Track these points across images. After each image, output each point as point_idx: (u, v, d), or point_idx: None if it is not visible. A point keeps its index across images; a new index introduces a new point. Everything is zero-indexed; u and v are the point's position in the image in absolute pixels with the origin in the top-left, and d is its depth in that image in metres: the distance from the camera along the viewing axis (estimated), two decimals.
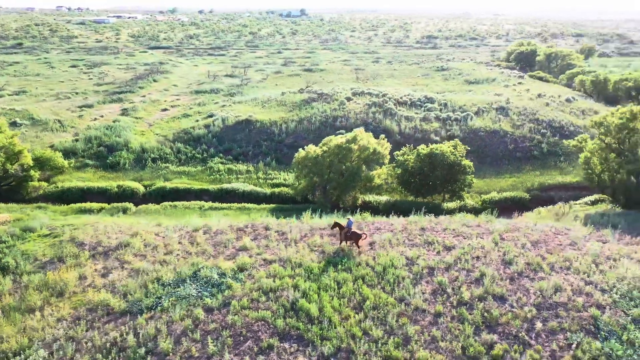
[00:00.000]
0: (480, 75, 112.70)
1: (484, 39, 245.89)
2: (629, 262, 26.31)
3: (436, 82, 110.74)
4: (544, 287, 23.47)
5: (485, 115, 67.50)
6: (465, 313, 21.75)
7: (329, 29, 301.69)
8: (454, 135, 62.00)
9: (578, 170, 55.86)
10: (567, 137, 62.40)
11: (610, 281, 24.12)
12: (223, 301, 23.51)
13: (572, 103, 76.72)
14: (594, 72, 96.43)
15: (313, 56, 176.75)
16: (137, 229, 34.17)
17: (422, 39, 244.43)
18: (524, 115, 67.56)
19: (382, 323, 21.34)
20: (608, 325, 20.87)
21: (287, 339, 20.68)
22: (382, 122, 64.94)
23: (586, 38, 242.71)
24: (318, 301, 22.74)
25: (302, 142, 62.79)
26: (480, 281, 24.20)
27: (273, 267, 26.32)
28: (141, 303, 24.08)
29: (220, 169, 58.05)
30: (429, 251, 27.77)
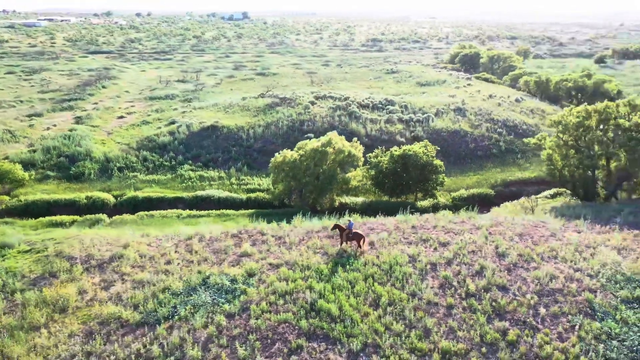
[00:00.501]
0: (430, 77, 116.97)
1: (426, 41, 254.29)
2: (605, 249, 28.91)
3: (389, 84, 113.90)
4: (539, 275, 25.47)
5: (444, 116, 70.55)
6: (475, 303, 23.31)
7: (274, 33, 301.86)
8: (417, 136, 64.46)
9: (535, 166, 59.64)
10: (521, 136, 66.39)
11: (594, 267, 26.47)
12: (241, 306, 23.90)
13: (520, 103, 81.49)
14: (536, 74, 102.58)
15: (262, 60, 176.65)
16: (126, 241, 33.67)
17: (367, 42, 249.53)
18: (480, 116, 71.17)
19: (401, 318, 22.51)
20: (602, 307, 23.03)
21: (314, 339, 21.43)
22: (349, 125, 66.47)
23: (519, 40, 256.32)
24: (336, 301, 23.60)
25: (270, 146, 63.30)
26: (482, 273, 25.90)
27: (282, 271, 26.91)
28: (156, 313, 24.02)
29: (192, 176, 57.55)
30: (426, 248, 29.26)
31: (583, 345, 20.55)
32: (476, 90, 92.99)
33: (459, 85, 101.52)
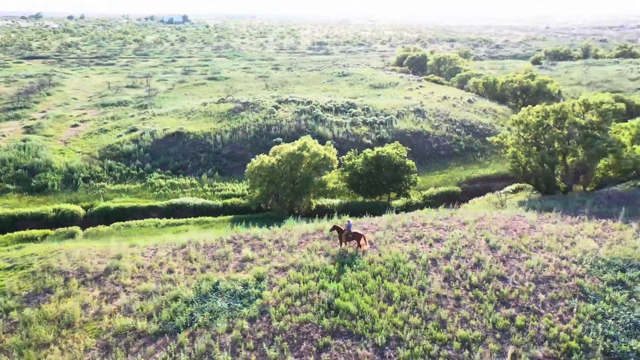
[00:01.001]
0: (382, 80, 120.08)
1: (371, 44, 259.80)
2: (582, 238, 31.54)
3: (343, 87, 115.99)
4: (531, 265, 27.55)
5: (405, 117, 73.07)
6: (480, 294, 24.97)
7: (218, 36, 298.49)
8: (383, 138, 66.46)
9: (494, 163, 63.06)
10: (478, 135, 69.91)
11: (577, 255, 28.90)
12: (260, 310, 24.38)
13: (473, 103, 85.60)
14: (482, 75, 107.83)
15: (211, 64, 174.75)
16: (118, 252, 33.11)
17: (313, 45, 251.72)
18: (439, 117, 74.25)
19: (416, 311, 23.79)
20: (592, 290, 25.31)
21: (338, 336, 22.30)
22: (315, 128, 67.52)
23: (458, 43, 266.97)
24: (351, 299, 24.57)
25: (239, 151, 63.37)
26: (480, 266, 27.67)
27: (291, 273, 27.57)
28: (173, 322, 24.07)
29: (162, 184, 56.71)
30: (422, 245, 30.78)
31: (583, 325, 22.60)
32: (430, 92, 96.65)
33: (411, 88, 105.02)
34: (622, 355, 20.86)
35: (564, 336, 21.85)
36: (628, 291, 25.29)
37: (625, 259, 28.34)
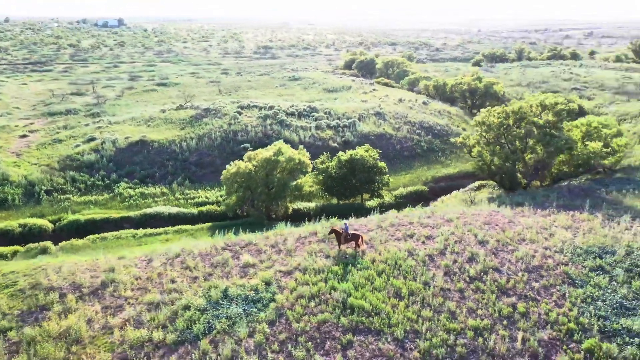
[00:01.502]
0: (335, 83, 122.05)
1: (315, 48, 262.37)
2: (557, 229, 34.21)
3: (298, 91, 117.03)
4: (520, 256, 29.72)
5: (367, 120, 75.09)
6: (481, 285, 26.75)
7: (159, 40, 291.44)
8: (348, 140, 68.07)
9: (455, 162, 66.14)
10: (437, 135, 72.99)
11: (557, 245, 31.40)
12: (277, 313, 24.95)
13: (428, 105, 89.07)
14: (430, 78, 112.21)
15: (157, 69, 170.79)
16: (109, 265, 32.54)
17: (258, 49, 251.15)
18: (398, 119, 76.82)
19: (426, 305, 25.19)
20: (578, 276, 27.70)
21: (358, 333, 23.31)
22: (282, 133, 68.16)
23: (400, 46, 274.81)
24: (363, 297, 25.63)
25: (207, 158, 63.01)
26: (474, 259, 29.52)
27: (298, 276, 28.28)
28: (191, 331, 24.20)
29: (132, 194, 55.53)
30: (415, 242, 32.32)
31: (577, 308, 24.81)
32: (384, 95, 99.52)
33: (365, 91, 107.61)
34: (615, 332, 23.14)
35: (562, 319, 23.91)
36: (608, 275, 27.88)
37: (599, 246, 31.11)
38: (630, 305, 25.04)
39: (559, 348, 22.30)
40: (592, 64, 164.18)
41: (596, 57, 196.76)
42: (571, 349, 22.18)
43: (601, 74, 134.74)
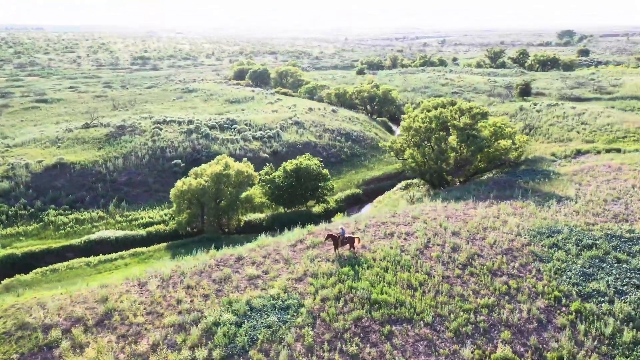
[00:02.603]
0: (235, 94, 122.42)
1: (196, 58, 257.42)
2: (506, 217, 39.87)
3: (199, 104, 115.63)
4: (491, 242, 34.50)
5: (289, 130, 77.51)
6: (474, 270, 30.86)
7: (15, 52, 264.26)
8: (276, 151, 69.92)
9: (377, 165, 71.34)
10: (355, 141, 77.81)
11: (514, 230, 36.83)
12: (311, 316, 26.60)
13: (337, 113, 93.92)
14: (335, 86, 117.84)
15: (27, 84, 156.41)
16: (100, 294, 31.39)
17: (135, 60, 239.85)
18: (317, 127, 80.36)
19: (438, 292, 28.58)
20: (542, 254, 33.08)
21: (393, 323, 25.93)
22: (210, 147, 67.88)
23: (280, 55, 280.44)
24: (383, 292, 28.29)
25: (137, 177, 60.93)
26: (457, 249, 33.65)
27: (311, 281, 30.05)
28: (234, 344, 24.93)
29: (65, 221, 52.04)
30: (399, 239, 35.65)
31: (553, 279, 29.95)
32: (292, 105, 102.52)
33: (270, 101, 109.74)
34: (589, 294, 28.50)
35: (547, 289, 28.81)
36: (563, 250, 33.65)
37: (546, 227, 37.12)
38: (590, 272, 30.80)
39: (554, 312, 27.02)
40: (460, 69, 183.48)
41: (460, 63, 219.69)
42: (563, 312, 27.00)
43: (471, 78, 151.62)
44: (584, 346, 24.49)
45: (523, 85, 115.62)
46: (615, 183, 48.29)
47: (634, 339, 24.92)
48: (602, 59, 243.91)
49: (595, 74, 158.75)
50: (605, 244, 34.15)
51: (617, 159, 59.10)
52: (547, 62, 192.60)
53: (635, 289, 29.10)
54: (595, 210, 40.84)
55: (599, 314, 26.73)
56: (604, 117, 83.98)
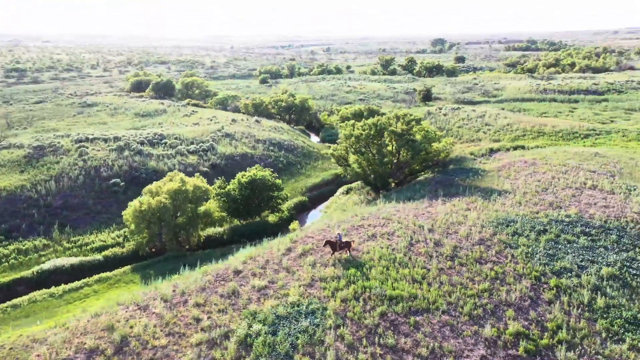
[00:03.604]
0: (143, 107, 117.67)
1: (80, 69, 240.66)
2: (464, 212, 44.53)
3: (106, 118, 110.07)
4: (464, 235, 38.67)
5: (221, 142, 77.27)
6: (462, 261, 34.60)
7: None
8: (215, 164, 69.60)
9: (314, 172, 74.08)
10: (288, 150, 79.79)
11: (476, 222, 41.45)
12: (339, 317, 28.38)
13: (261, 123, 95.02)
14: (252, 97, 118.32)
15: None
16: (103, 322, 30.50)
17: (9, 72, 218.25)
18: (248, 138, 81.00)
19: (442, 283, 31.82)
20: (510, 241, 37.83)
21: (415, 314, 28.63)
22: (147, 163, 65.72)
23: (172, 65, 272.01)
24: (393, 287, 30.88)
25: (75, 200, 57.67)
26: (440, 243, 37.29)
27: (323, 285, 31.76)
28: (277, 352, 25.98)
29: (5, 253, 47.89)
30: (383, 239, 38.49)
31: (528, 262, 34.67)
32: (212, 116, 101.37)
33: (186, 113, 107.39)
34: (559, 272, 33.52)
35: (527, 271, 33.38)
36: (524, 236, 38.79)
37: (502, 218, 42.28)
38: (552, 253, 36.06)
39: (539, 290, 31.55)
40: (358, 77, 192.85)
41: (355, 71, 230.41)
42: (546, 288, 31.63)
43: (372, 85, 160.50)
44: (571, 314, 29.12)
45: (424, 91, 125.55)
46: (537, 176, 55.69)
47: (606, 304, 30.12)
48: (476, 65, 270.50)
49: (477, 79, 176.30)
50: (554, 229, 39.95)
51: (527, 155, 67.72)
52: (432, 69, 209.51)
53: (591, 264, 34.79)
54: (533, 201, 47.16)
55: (573, 286, 31.74)
56: (502, 119, 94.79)
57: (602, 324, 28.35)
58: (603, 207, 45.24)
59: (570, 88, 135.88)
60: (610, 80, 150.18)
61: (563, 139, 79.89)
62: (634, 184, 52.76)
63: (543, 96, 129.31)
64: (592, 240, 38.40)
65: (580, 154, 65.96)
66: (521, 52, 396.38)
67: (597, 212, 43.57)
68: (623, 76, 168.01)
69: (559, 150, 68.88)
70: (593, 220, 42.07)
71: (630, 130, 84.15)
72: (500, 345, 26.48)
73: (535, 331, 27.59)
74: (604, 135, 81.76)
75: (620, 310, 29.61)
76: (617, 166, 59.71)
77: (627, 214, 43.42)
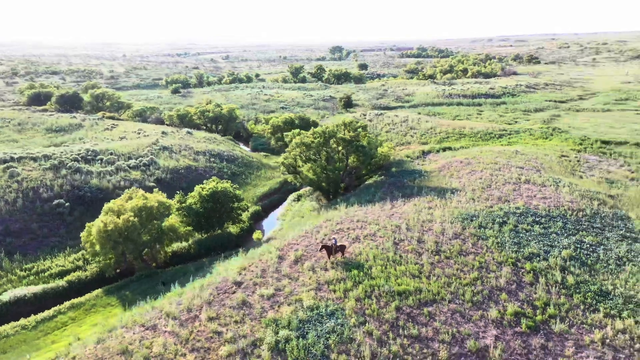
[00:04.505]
0: (52, 122, 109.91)
1: None
2: (428, 210, 48.29)
3: (15, 135, 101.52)
4: (438, 231, 42.20)
5: (161, 156, 75.20)
6: (447, 254, 37.94)
7: None
8: (160, 178, 67.79)
9: (260, 181, 74.90)
10: (229, 161, 79.65)
11: (445, 219, 45.21)
12: (359, 315, 30.23)
13: (194, 135, 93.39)
14: (176, 107, 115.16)
15: None
16: (115, 347, 29.90)
17: None
18: (187, 151, 79.54)
19: (438, 276, 34.82)
20: (479, 233, 41.90)
21: (425, 305, 31.27)
22: (89, 181, 62.40)
23: (66, 75, 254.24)
24: (398, 283, 33.35)
25: (17, 225, 53.83)
26: (421, 240, 40.42)
27: (332, 288, 33.39)
28: (313, 353, 27.28)
29: None
30: (369, 241, 40.85)
31: (501, 251, 38.88)
32: (138, 129, 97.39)
33: (107, 127, 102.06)
34: (529, 256, 37.99)
35: (503, 259, 37.48)
36: (488, 229, 43.17)
37: (465, 213, 46.49)
38: (517, 241, 40.65)
39: (519, 274, 35.69)
40: (270, 85, 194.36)
41: (265, 79, 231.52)
42: (524, 272, 35.86)
43: (289, 93, 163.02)
44: (551, 292, 33.46)
45: (345, 98, 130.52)
46: (477, 175, 61.39)
47: (575, 281, 34.92)
48: (378, 71, 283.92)
49: (385, 85, 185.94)
50: (511, 220, 44.90)
51: (458, 155, 74.01)
52: (341, 76, 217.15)
53: (551, 248, 39.81)
54: (483, 196, 52.26)
55: (545, 269, 36.32)
56: (424, 122, 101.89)
57: (578, 298, 32.94)
58: (542, 198, 51.42)
59: (472, 92, 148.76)
60: (503, 85, 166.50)
61: (482, 139, 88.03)
62: (557, 177, 60.27)
63: (450, 100, 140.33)
64: (544, 228, 43.80)
65: (503, 152, 73.46)
66: (414, 58, 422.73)
67: (540, 203, 49.50)
68: (511, 81, 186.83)
69: (484, 150, 76.06)
70: (538, 210, 47.78)
71: (535, 130, 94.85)
72: (506, 324, 29.94)
73: (529, 310, 31.45)
74: (514, 135, 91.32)
75: (588, 285, 34.52)
76: (537, 162, 67.57)
77: (563, 203, 49.81)
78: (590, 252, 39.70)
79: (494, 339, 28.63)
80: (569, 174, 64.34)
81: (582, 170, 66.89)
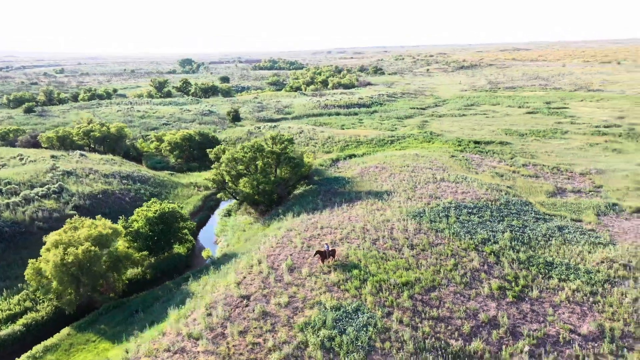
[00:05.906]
0: None
1: None
2: (376, 211, 53.29)
3: None
4: (401, 228, 47.28)
5: (68, 182, 69.45)
6: (419, 247, 43.07)
7: None
8: (78, 205, 63.04)
9: (180, 200, 73.65)
10: (141, 182, 76.52)
11: (399, 217, 50.53)
12: (381, 307, 33.75)
13: (88, 157, 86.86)
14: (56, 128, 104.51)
15: None
16: None
17: None
18: (93, 174, 74.27)
19: (425, 266, 39.68)
20: (435, 227, 47.88)
21: (430, 291, 35.89)
22: (1, 215, 55.77)
23: None
24: (402, 277, 37.52)
25: None
26: (393, 238, 45.05)
27: (343, 287, 36.34)
28: (361, 345, 30.20)
29: None
30: (348, 243, 44.30)
31: (460, 239, 45.20)
32: (17, 154, 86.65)
33: None
34: (483, 241, 44.92)
35: (465, 246, 43.80)
36: (439, 223, 49.40)
37: (412, 212, 52.26)
38: (467, 230, 47.39)
39: (484, 256, 42.17)
40: (140, 101, 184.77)
41: (126, 94, 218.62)
42: (487, 255, 42.49)
43: (164, 109, 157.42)
44: (514, 268, 40.46)
45: (233, 112, 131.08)
46: (397, 177, 68.29)
47: (526, 257, 42.45)
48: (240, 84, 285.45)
49: (257, 98, 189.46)
50: (452, 213, 51.94)
51: (369, 161, 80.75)
52: (208, 90, 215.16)
53: (495, 233, 47.34)
54: (416, 196, 58.93)
55: (499, 249, 43.45)
56: (320, 132, 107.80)
57: (534, 270, 40.36)
58: (462, 193, 59.80)
59: (345, 103, 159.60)
60: (369, 95, 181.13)
61: (378, 145, 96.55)
62: (461, 174, 69.91)
63: (329, 111, 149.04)
64: (479, 217, 51.56)
65: (405, 156, 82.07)
66: (269, 71, 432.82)
67: (465, 197, 57.66)
68: (371, 91, 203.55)
69: (388, 155, 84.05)
70: (466, 203, 55.77)
71: (417, 134, 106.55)
72: (498, 297, 35.89)
73: (506, 284, 37.89)
74: (402, 140, 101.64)
75: (536, 259, 42.26)
76: (439, 162, 77.17)
77: (480, 196, 58.64)
78: (521, 232, 48.08)
79: (496, 310, 34.29)
80: (467, 171, 74.75)
81: (474, 167, 78.07)
